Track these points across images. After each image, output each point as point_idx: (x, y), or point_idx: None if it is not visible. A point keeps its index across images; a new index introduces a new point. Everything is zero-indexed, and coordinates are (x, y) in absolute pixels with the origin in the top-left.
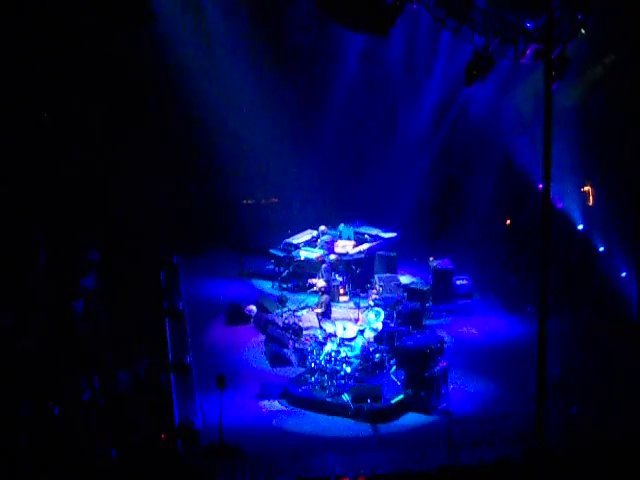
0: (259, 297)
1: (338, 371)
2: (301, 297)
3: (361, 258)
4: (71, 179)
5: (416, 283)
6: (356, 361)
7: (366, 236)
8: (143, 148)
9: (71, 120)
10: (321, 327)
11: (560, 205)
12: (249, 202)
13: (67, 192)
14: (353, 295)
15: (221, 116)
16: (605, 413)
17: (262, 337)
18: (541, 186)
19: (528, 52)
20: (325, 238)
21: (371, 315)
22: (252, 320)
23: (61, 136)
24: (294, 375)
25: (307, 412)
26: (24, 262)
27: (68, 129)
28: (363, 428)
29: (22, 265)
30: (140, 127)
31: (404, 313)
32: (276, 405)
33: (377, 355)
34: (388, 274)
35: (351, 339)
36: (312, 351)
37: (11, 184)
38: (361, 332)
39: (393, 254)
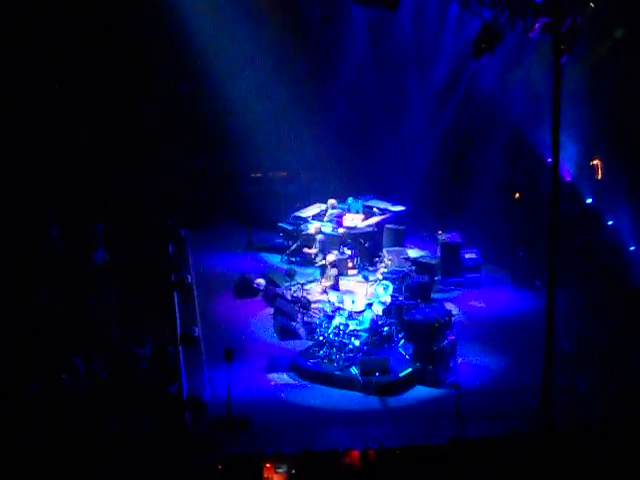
0: (268, 270)
1: (346, 344)
2: (310, 270)
3: (370, 232)
4: (79, 154)
5: (425, 257)
6: (365, 334)
7: (375, 209)
8: (151, 121)
9: (80, 93)
10: (329, 300)
11: (569, 179)
12: (257, 175)
13: (75, 167)
14: (361, 268)
15: (229, 89)
16: (613, 387)
17: (271, 310)
18: (550, 160)
19: (537, 26)
20: (334, 212)
21: (380, 288)
22: (261, 293)
23: (70, 110)
24: (303, 348)
25: (316, 385)
26: (33, 239)
27: (77, 102)
28: (371, 401)
29: (31, 242)
30: (147, 100)
31: (412, 287)
32: (285, 378)
33: (385, 328)
34: (397, 248)
35: (360, 312)
36: (321, 324)
37: (20, 161)
38: (369, 305)
39: (402, 227)
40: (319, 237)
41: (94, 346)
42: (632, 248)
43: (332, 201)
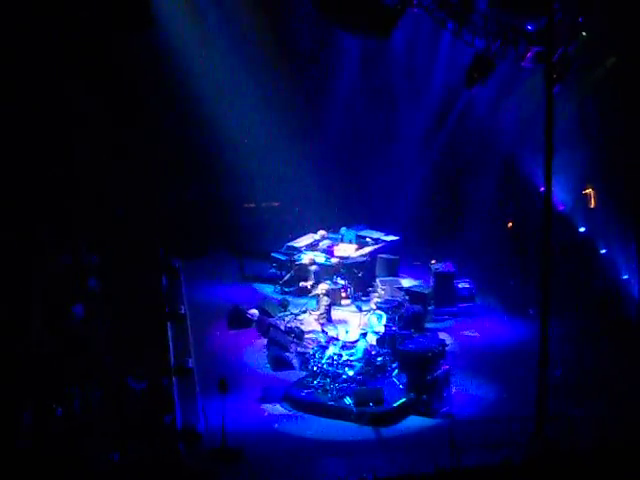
0: (261, 301)
1: (340, 374)
2: (303, 301)
3: (363, 261)
4: (71, 183)
5: (418, 286)
6: (358, 364)
7: (368, 239)
8: (143, 151)
9: (71, 123)
10: (323, 331)
11: (562, 208)
12: (250, 206)
13: (67, 196)
14: (355, 298)
15: (222, 119)
16: (607, 414)
17: (264, 341)
18: (542, 189)
19: (529, 55)
20: (326, 242)
21: (373, 318)
22: (254, 324)
23: (62, 139)
24: (296, 379)
25: (309, 416)
26: (26, 269)
27: (69, 132)
28: (365, 432)
29: (24, 271)
30: (140, 130)
31: (406, 316)
32: (278, 409)
33: (379, 358)
34: (390, 277)
35: (353, 342)
36: (314, 354)
37: (14, 188)
38: (363, 335)
39: (395, 257)
40: (313, 268)
41: (87, 376)
42: (625, 277)
43: (322, 232)
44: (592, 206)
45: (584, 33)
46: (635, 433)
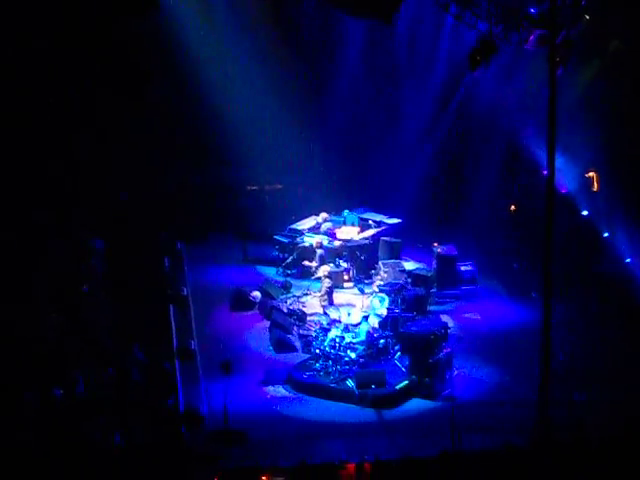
0: (263, 283)
1: (342, 357)
2: (305, 283)
3: (365, 244)
4: (72, 166)
5: (420, 269)
6: (360, 347)
7: (370, 222)
8: (146, 134)
9: (74, 107)
10: (325, 313)
11: (564, 191)
12: (253, 188)
13: (70, 179)
14: (357, 281)
15: (225, 102)
16: (610, 400)
17: (266, 323)
18: (545, 172)
19: (532, 38)
20: (327, 225)
21: (375, 301)
22: (256, 306)
23: (65, 122)
24: (298, 361)
25: (312, 398)
26: (29, 250)
27: (71, 115)
28: (367, 414)
29: (27, 253)
30: (143, 113)
31: (408, 299)
32: (281, 391)
33: (381, 341)
34: (392, 260)
35: (355, 325)
36: (316, 337)
37: (16, 172)
38: (365, 318)
39: (397, 240)
40: (319, 251)
41: (89, 359)
42: (628, 260)
43: (324, 214)
44: (595, 189)
45: (587, 16)
46: (637, 420)
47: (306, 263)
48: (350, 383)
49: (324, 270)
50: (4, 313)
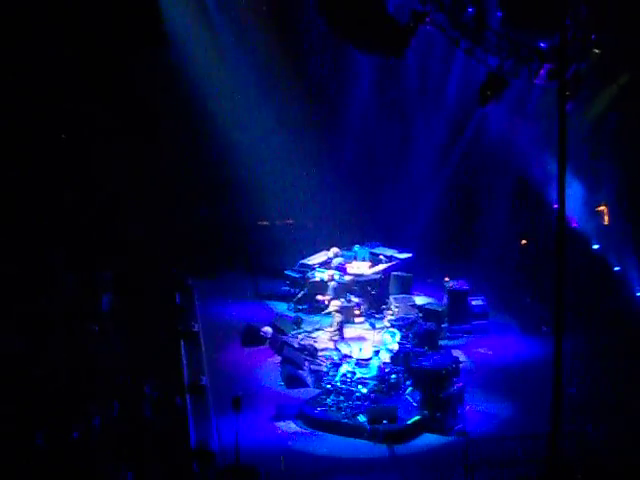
0: (275, 318)
1: (354, 392)
2: (316, 318)
3: (376, 279)
4: (86, 202)
5: (432, 304)
6: (372, 382)
7: (381, 257)
8: (158, 169)
9: (86, 141)
10: (337, 348)
11: (575, 224)
12: (264, 223)
13: (82, 214)
14: (368, 316)
15: (235, 137)
16: (622, 433)
17: (278, 358)
18: (556, 206)
19: (542, 72)
20: (339, 260)
21: (387, 336)
22: (268, 341)
23: (77, 157)
24: (310, 396)
25: (323, 433)
26: (40, 285)
27: (84, 149)
28: (379, 449)
29: (38, 288)
30: (155, 148)
31: (420, 334)
32: (292, 426)
33: (393, 376)
34: (403, 295)
35: (367, 360)
36: (328, 372)
37: (28, 206)
38: (377, 353)
39: (408, 275)
40: (332, 284)
41: (101, 394)
42: (639, 294)
43: (335, 249)
44: (606, 223)
45: (597, 50)
46: None
47: (319, 297)
48: (362, 418)
49: (335, 305)
50: (13, 348)
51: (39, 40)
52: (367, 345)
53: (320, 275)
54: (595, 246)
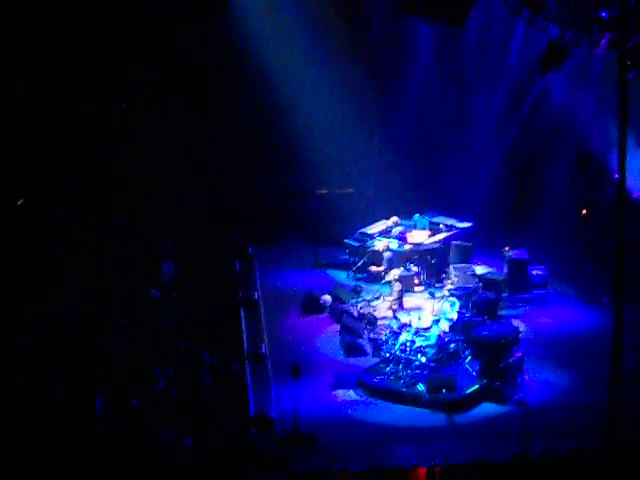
0: (334, 287)
1: (413, 361)
2: (376, 287)
3: (436, 248)
4: (148, 172)
5: (491, 273)
6: (431, 351)
7: (441, 226)
8: (218, 139)
9: (146, 113)
10: (396, 317)
11: (636, 195)
12: (323, 192)
13: (145, 184)
14: (428, 285)
15: (296, 106)
16: None
17: (337, 327)
18: (617, 175)
19: (603, 42)
20: (398, 228)
21: (446, 305)
22: (327, 310)
23: (138, 128)
24: (369, 365)
25: (382, 402)
26: (101, 252)
27: (144, 121)
28: (438, 418)
29: (99, 256)
30: (215, 118)
31: (479, 303)
32: (351, 395)
33: (452, 345)
34: (463, 264)
35: (426, 329)
36: (387, 341)
37: (91, 176)
38: (436, 322)
39: (468, 244)
40: (386, 254)
41: (161, 362)
42: None
43: (395, 218)
44: None
45: None
46: None
47: (373, 268)
48: (420, 387)
49: (394, 274)
50: (73, 315)
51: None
52: (426, 314)
53: (378, 244)
54: None
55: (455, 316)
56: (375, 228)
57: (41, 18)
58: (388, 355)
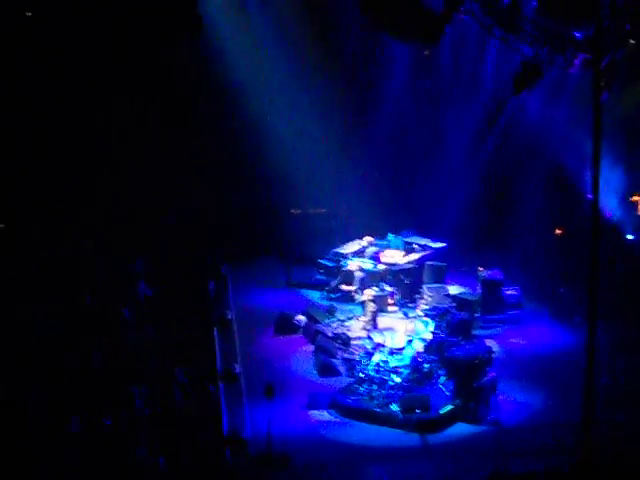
0: (308, 307)
1: (387, 381)
2: (349, 307)
3: (410, 268)
4: (119, 190)
5: (465, 293)
6: (405, 371)
7: (415, 246)
8: (191, 157)
9: (120, 130)
10: (370, 337)
11: (609, 214)
12: (297, 212)
13: (116, 203)
14: (402, 305)
15: (269, 125)
16: None
17: (311, 347)
18: (590, 195)
19: (576, 62)
20: (373, 249)
21: (420, 325)
22: (301, 330)
23: (110, 145)
24: (343, 385)
25: (356, 422)
26: (73, 273)
27: (117, 139)
28: (412, 438)
29: (71, 276)
30: (188, 136)
31: (453, 323)
32: (325, 415)
33: (426, 365)
34: (437, 284)
35: (400, 349)
36: (361, 361)
37: (59, 195)
38: (410, 342)
39: (442, 264)
40: (359, 274)
41: (134, 382)
42: None
43: (368, 238)
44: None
45: (632, 40)
46: None
47: (344, 287)
48: (394, 407)
49: (369, 294)
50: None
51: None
52: (400, 334)
53: (352, 264)
54: (629, 237)
55: (429, 336)
56: (349, 248)
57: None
58: (362, 375)
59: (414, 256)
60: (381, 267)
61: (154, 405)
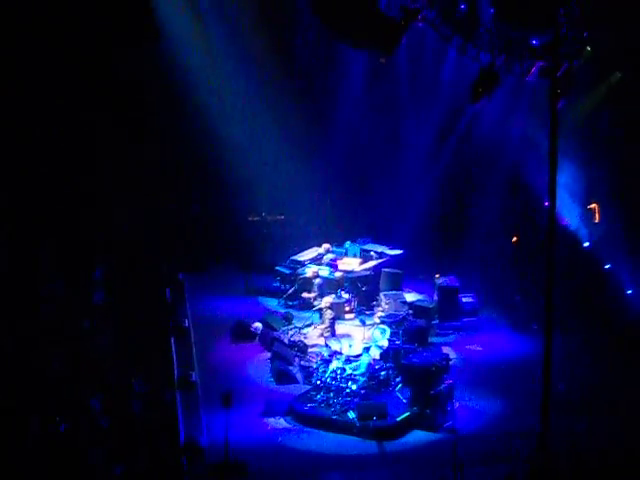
0: (265, 314)
1: (344, 389)
2: (307, 314)
3: (367, 275)
4: (74, 196)
5: (422, 300)
6: (362, 379)
7: (372, 253)
8: (148, 163)
9: (75, 135)
10: (327, 345)
11: (566, 222)
12: (255, 219)
13: (71, 210)
14: (359, 312)
15: (227, 132)
16: (610, 431)
17: (268, 354)
18: (547, 203)
19: (534, 69)
20: (330, 256)
21: (377, 333)
22: (258, 337)
23: (65, 152)
24: (300, 393)
25: (313, 430)
26: (30, 280)
27: (71, 145)
28: (369, 446)
29: (27, 287)
30: (144, 142)
31: (410, 331)
32: (282, 423)
33: (383, 373)
34: (394, 291)
35: (357, 356)
36: (318, 368)
37: (17, 201)
38: (367, 349)
39: (399, 271)
40: (317, 281)
41: (90, 389)
42: (629, 292)
43: (326, 245)
44: (596, 221)
45: (589, 48)
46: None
47: (305, 295)
48: (351, 415)
49: (326, 301)
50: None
51: (28, 34)
52: (357, 342)
53: (309, 271)
54: (586, 244)
55: (386, 343)
56: (306, 255)
57: None
58: (319, 383)
59: (371, 263)
60: (338, 274)
61: (111, 413)
